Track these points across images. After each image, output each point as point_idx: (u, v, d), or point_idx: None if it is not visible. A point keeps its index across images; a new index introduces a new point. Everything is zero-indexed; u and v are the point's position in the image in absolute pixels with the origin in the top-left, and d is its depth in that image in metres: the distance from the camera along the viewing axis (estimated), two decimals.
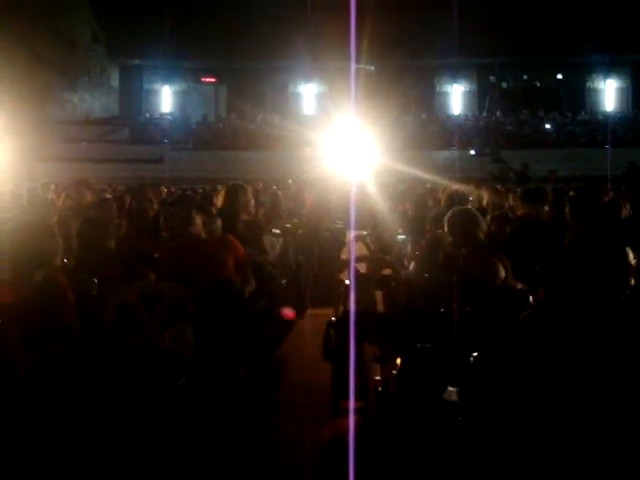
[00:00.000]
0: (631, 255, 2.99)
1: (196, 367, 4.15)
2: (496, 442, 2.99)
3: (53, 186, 14.47)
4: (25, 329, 3.45)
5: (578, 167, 23.77)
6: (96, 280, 4.57)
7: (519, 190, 8.61)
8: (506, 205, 8.47)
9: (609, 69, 35.23)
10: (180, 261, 5.17)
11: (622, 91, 36.17)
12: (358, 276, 5.40)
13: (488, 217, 6.44)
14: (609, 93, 36.11)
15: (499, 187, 11.07)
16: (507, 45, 32.24)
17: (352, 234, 9.89)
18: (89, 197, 8.18)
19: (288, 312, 5.41)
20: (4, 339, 3.35)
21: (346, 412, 4.97)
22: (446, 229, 5.09)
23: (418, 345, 4.12)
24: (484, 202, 8.75)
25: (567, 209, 6.53)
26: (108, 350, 3.86)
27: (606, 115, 33.61)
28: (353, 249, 7.53)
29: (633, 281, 2.99)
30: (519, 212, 6.85)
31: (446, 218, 5.13)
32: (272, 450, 4.68)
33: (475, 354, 3.07)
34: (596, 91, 36.37)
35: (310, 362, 5.97)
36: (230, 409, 4.57)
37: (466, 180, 13.39)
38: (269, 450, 4.68)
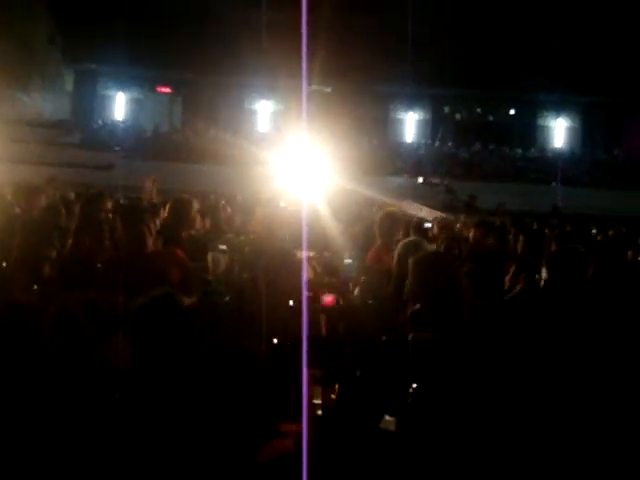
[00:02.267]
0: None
1: (132, 381, 4.06)
2: (432, 472, 2.99)
3: None
4: None
5: (526, 202, 24.17)
6: (35, 286, 4.46)
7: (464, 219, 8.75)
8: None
9: (561, 108, 36.03)
10: (125, 273, 5.08)
11: (572, 130, 37.01)
12: (304, 299, 5.36)
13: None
14: (559, 131, 36.91)
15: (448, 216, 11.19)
16: (463, 78, 32.75)
17: (304, 255, 9.85)
18: (43, 202, 8.00)
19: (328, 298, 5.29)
20: None
21: (283, 435, 4.92)
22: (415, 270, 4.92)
23: (357, 372, 4.10)
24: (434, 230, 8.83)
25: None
26: (45, 359, 3.76)
27: (555, 153, 34.33)
28: (305, 270, 7.47)
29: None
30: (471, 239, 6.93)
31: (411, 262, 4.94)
32: (207, 468, 4.60)
33: (415, 385, 3.07)
34: (547, 128, 37.14)
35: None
36: (165, 426, 4.48)
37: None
38: (204, 467, 4.59)
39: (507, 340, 3.19)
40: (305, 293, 5.55)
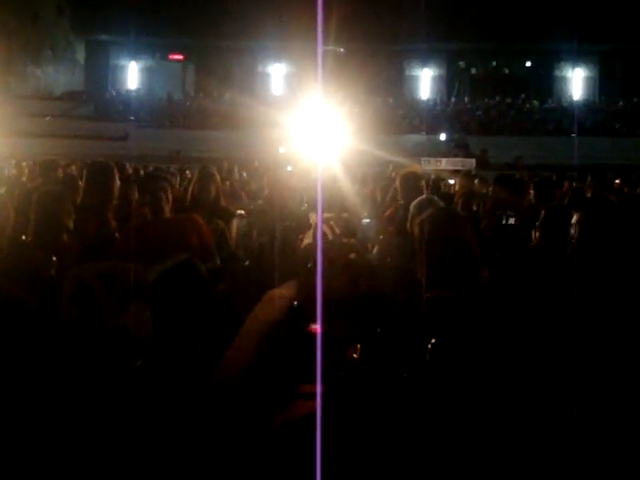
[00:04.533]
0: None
1: (154, 349, 4.07)
2: (455, 427, 2.98)
3: (14, 161, 14.20)
4: None
5: (544, 155, 23.95)
6: (54, 258, 4.46)
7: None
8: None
9: (577, 58, 35.49)
10: (142, 241, 5.07)
11: (590, 80, 36.50)
12: (322, 260, 5.34)
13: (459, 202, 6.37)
14: (576, 82, 36.39)
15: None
16: (477, 31, 32.32)
17: (319, 217, 9.81)
18: (59, 174, 8.05)
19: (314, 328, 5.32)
20: None
21: (304, 396, 4.93)
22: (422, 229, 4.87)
23: (378, 330, 4.09)
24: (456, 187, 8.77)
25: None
26: (65, 331, 3.77)
27: (573, 103, 33.90)
28: (320, 232, 7.44)
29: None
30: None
31: (424, 218, 4.88)
32: (226, 434, 4.63)
33: (433, 340, 3.05)
34: (564, 79, 36.66)
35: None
36: (187, 392, 4.51)
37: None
38: (224, 434, 4.62)
39: (529, 294, 3.15)
40: (320, 254, 5.53)
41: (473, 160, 15.46)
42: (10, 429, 3.40)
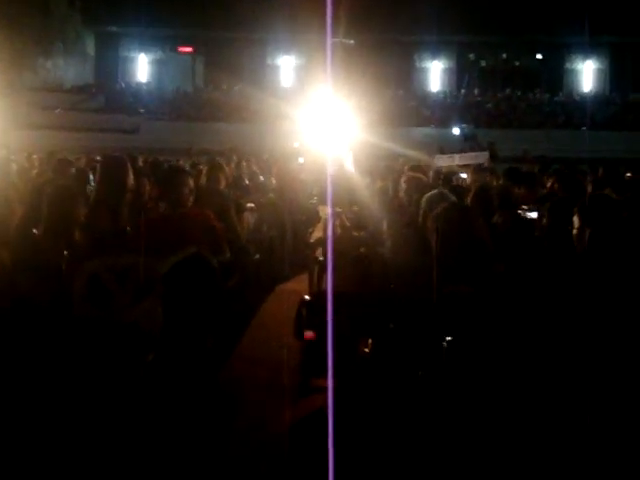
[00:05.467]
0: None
1: (165, 343, 4.09)
2: (468, 421, 2.98)
3: (26, 154, 14.23)
4: None
5: (554, 148, 23.82)
6: (66, 252, 4.47)
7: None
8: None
9: (588, 50, 35.27)
10: (153, 235, 5.06)
11: (600, 72, 36.28)
12: (333, 254, 5.33)
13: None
14: (587, 74, 36.18)
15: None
16: (487, 23, 32.18)
17: (329, 210, 9.78)
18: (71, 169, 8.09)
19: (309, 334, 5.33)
20: None
21: (316, 390, 4.94)
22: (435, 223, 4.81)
23: (391, 325, 4.08)
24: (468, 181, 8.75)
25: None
26: (76, 324, 3.78)
27: (583, 96, 33.72)
28: (330, 226, 7.42)
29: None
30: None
31: (438, 212, 4.82)
32: (238, 427, 4.64)
33: (448, 338, 3.04)
34: (575, 72, 36.45)
35: (281, 339, 5.93)
36: (198, 385, 4.52)
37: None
38: (235, 427, 4.63)
39: (542, 291, 3.14)
40: (330, 247, 5.52)
41: (487, 153, 15.38)
42: (21, 422, 3.42)
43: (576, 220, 3.55)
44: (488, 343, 2.89)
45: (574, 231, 3.48)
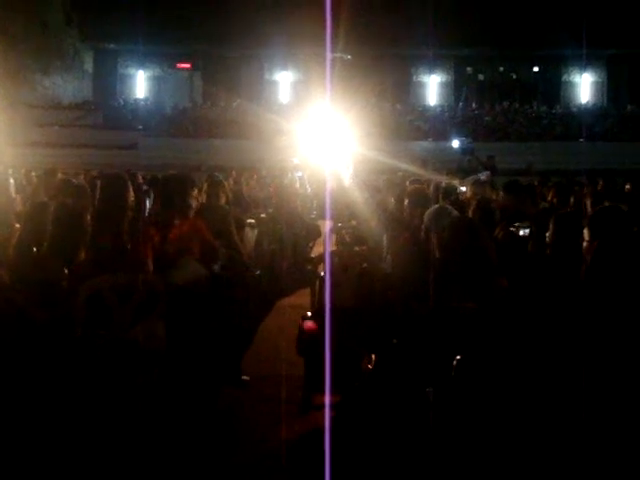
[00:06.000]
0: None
1: (168, 361, 4.06)
2: (475, 442, 2.94)
3: (23, 171, 14.22)
4: None
5: (553, 160, 23.87)
6: (66, 270, 4.45)
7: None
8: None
9: (585, 63, 35.37)
10: (150, 249, 5.04)
11: (598, 85, 36.39)
12: (334, 269, 5.32)
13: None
14: (584, 87, 36.27)
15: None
16: (484, 37, 32.29)
17: (328, 225, 9.78)
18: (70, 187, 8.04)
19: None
20: None
21: (318, 407, 4.91)
22: (441, 238, 4.68)
23: (394, 341, 4.06)
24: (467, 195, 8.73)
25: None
26: (77, 344, 3.76)
27: (581, 109, 33.81)
28: (328, 241, 7.42)
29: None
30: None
31: (443, 227, 4.68)
32: (242, 443, 4.61)
33: (459, 357, 3.01)
34: (572, 84, 36.55)
35: (283, 355, 5.90)
36: (200, 402, 4.50)
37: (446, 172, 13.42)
38: (238, 442, 4.61)
39: (551, 307, 3.11)
40: (328, 263, 5.50)
41: (488, 172, 15.46)
42: (22, 442, 3.39)
43: (586, 233, 3.53)
44: (498, 360, 2.86)
45: (584, 244, 3.46)
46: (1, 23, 24.10)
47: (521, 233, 5.35)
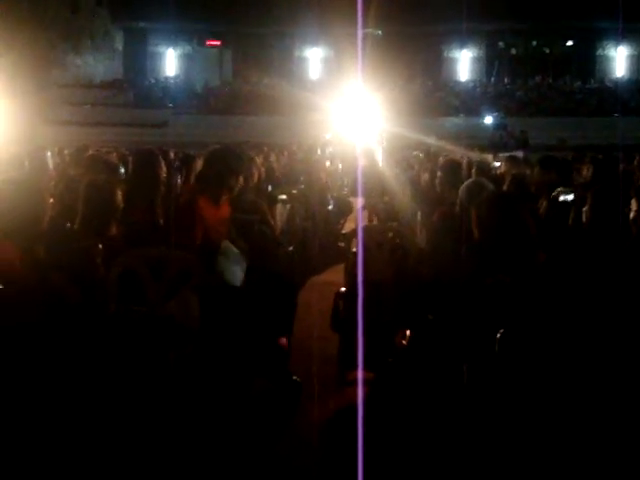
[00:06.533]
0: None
1: (201, 337, 4.04)
2: (512, 417, 2.90)
3: (57, 149, 14.28)
4: None
5: (586, 136, 23.55)
6: (100, 246, 4.44)
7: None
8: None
9: (620, 36, 34.73)
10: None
11: (633, 58, 35.72)
12: (367, 245, 5.27)
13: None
14: (620, 60, 35.64)
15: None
16: (517, 11, 31.82)
17: (359, 202, 9.72)
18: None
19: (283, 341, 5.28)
20: None
21: (352, 383, 4.88)
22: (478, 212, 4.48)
23: (429, 317, 4.01)
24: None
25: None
26: (111, 320, 3.75)
27: (616, 83, 33.26)
28: (360, 217, 7.38)
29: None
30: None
31: (481, 201, 4.48)
32: (274, 420, 4.60)
33: (502, 331, 2.94)
34: (607, 58, 35.93)
35: (317, 332, 5.87)
36: (234, 379, 4.48)
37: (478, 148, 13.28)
38: (273, 420, 4.59)
39: (589, 282, 3.03)
40: (361, 238, 5.45)
41: (523, 151, 15.37)
42: (59, 418, 3.40)
43: (634, 203, 3.45)
44: (540, 336, 2.80)
45: (631, 214, 3.39)
46: (33, 5, 24.23)
47: (561, 198, 5.26)
